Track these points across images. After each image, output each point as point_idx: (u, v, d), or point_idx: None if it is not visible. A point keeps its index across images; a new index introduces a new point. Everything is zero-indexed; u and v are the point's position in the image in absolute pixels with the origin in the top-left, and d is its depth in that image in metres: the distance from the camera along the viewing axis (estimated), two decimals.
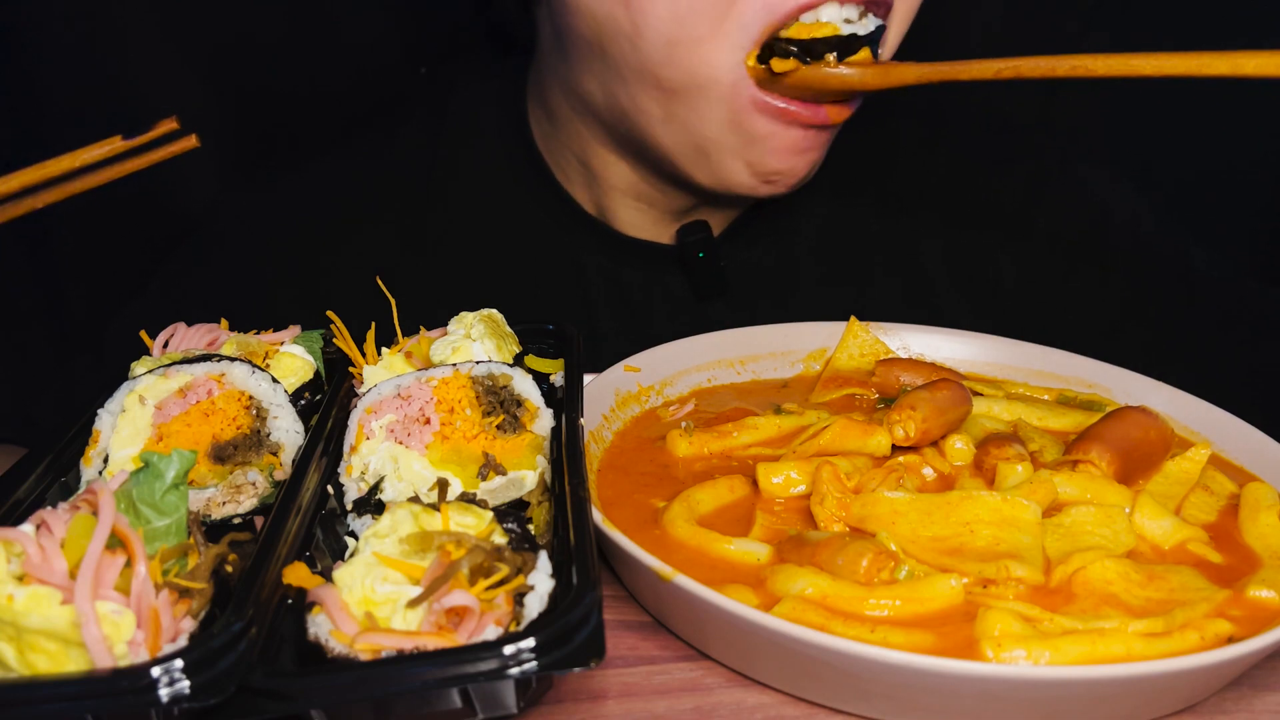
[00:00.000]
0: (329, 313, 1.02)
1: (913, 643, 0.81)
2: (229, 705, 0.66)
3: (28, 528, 0.71)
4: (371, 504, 0.88)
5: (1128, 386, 1.23)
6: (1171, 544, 0.96)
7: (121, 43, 1.73)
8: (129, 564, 0.70)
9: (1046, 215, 1.50)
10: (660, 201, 1.44)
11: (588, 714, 0.82)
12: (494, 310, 1.07)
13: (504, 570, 0.73)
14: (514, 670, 0.67)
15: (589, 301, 1.48)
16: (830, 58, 1.20)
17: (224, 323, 1.08)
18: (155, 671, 0.64)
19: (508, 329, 1.06)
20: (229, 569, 0.78)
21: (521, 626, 0.71)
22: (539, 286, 1.47)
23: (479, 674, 0.67)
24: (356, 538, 0.84)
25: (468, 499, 0.82)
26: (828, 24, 1.20)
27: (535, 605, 0.72)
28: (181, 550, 0.78)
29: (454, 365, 0.95)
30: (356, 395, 0.96)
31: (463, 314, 1.05)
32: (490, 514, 0.79)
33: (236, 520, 0.91)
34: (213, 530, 0.89)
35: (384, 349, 1.03)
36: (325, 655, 0.70)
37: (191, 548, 0.78)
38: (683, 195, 1.41)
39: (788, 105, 1.23)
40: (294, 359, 1.04)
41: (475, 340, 1.00)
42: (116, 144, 0.96)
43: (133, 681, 0.64)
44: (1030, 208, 1.51)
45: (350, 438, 0.92)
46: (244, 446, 0.93)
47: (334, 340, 1.03)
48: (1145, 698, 0.81)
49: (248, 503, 0.92)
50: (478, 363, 0.96)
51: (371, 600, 0.73)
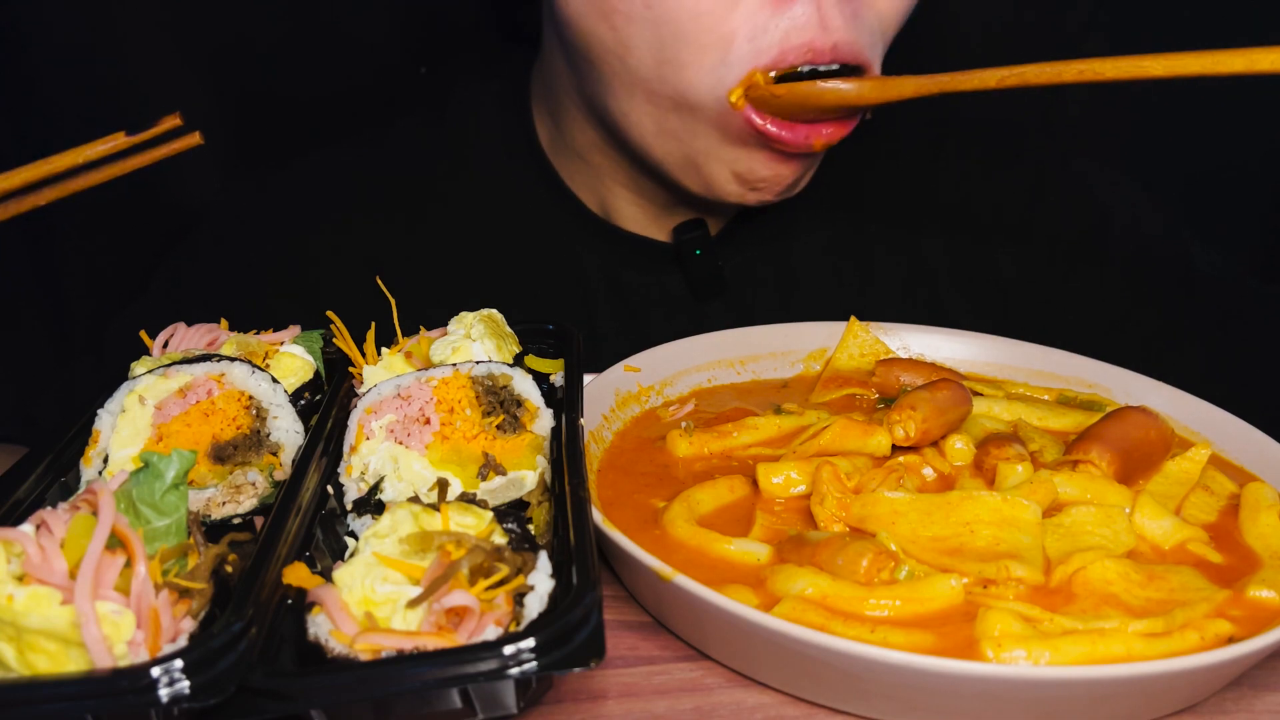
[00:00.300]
0: (329, 313, 1.02)
1: (913, 643, 0.81)
2: (229, 705, 0.66)
3: (28, 528, 0.71)
4: (371, 504, 0.88)
5: (1128, 386, 1.23)
6: (1171, 544, 0.96)
7: (122, 42, 1.74)
8: (129, 564, 0.69)
9: (1047, 215, 1.50)
10: (659, 198, 1.44)
11: (588, 714, 0.82)
12: (494, 310, 1.07)
13: (504, 570, 0.73)
14: (514, 670, 0.67)
15: (589, 301, 1.48)
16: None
17: (224, 323, 1.08)
18: (155, 671, 0.64)
19: (508, 329, 1.06)
20: (229, 569, 0.78)
21: (521, 626, 0.71)
22: (539, 286, 1.47)
23: (479, 674, 0.67)
24: (356, 538, 0.84)
25: (468, 499, 0.82)
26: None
27: (535, 605, 0.72)
28: (181, 550, 0.78)
29: (454, 365, 0.95)
30: (356, 395, 0.96)
31: (463, 314, 1.05)
32: (490, 514, 0.79)
33: (236, 520, 0.91)
34: (213, 530, 0.89)
35: (384, 349, 1.03)
36: (325, 655, 0.70)
37: (191, 548, 0.78)
38: (680, 195, 1.42)
39: (779, 131, 1.21)
40: (294, 359, 1.04)
41: (475, 340, 1.00)
42: (120, 140, 0.96)
43: (133, 681, 0.64)
44: (1031, 207, 1.51)
45: (350, 438, 0.92)
46: (244, 446, 0.93)
47: (334, 340, 1.03)
48: (1145, 698, 0.81)
49: (248, 503, 0.92)
50: (478, 363, 0.96)
51: (371, 600, 0.73)
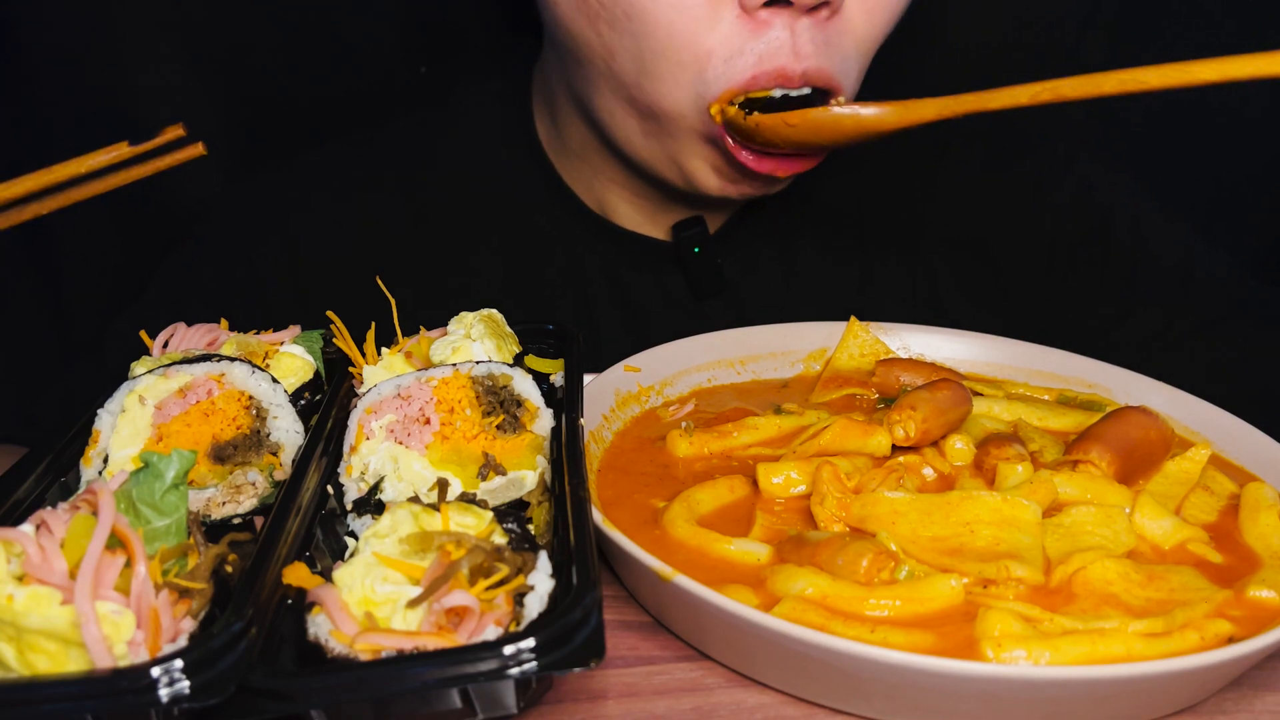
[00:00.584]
0: (329, 313, 1.02)
1: (913, 643, 0.81)
2: (229, 705, 0.66)
3: (28, 528, 0.71)
4: (371, 504, 0.88)
5: (1128, 386, 1.22)
6: (1171, 544, 0.96)
7: (122, 43, 1.73)
8: (129, 564, 0.69)
9: (1048, 215, 1.50)
10: (652, 195, 1.44)
11: (588, 714, 0.82)
12: (494, 310, 1.07)
13: (504, 570, 0.73)
14: (514, 670, 0.67)
15: (589, 301, 1.48)
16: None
17: (224, 323, 1.08)
18: (155, 671, 0.64)
19: (508, 329, 1.06)
20: (229, 569, 0.78)
21: (521, 626, 0.71)
22: (539, 286, 1.47)
23: (479, 674, 0.67)
24: (356, 538, 0.84)
25: (468, 499, 0.82)
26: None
27: (535, 605, 0.72)
28: (181, 550, 0.78)
29: (454, 365, 0.95)
30: (356, 395, 0.96)
31: (463, 314, 1.05)
32: (490, 514, 0.79)
33: (236, 520, 0.91)
34: (213, 530, 0.89)
35: (384, 349, 1.03)
36: (325, 655, 0.70)
37: (191, 548, 0.78)
38: (671, 192, 1.42)
39: (748, 159, 1.23)
40: (294, 359, 1.04)
41: (475, 340, 1.00)
42: (123, 150, 0.96)
43: (133, 681, 0.64)
44: (1032, 208, 1.51)
45: (350, 438, 0.92)
46: (244, 446, 0.93)
47: (334, 340, 1.03)
48: (1145, 698, 0.81)
49: (248, 503, 0.92)
50: (478, 363, 0.96)
51: (371, 600, 0.73)
